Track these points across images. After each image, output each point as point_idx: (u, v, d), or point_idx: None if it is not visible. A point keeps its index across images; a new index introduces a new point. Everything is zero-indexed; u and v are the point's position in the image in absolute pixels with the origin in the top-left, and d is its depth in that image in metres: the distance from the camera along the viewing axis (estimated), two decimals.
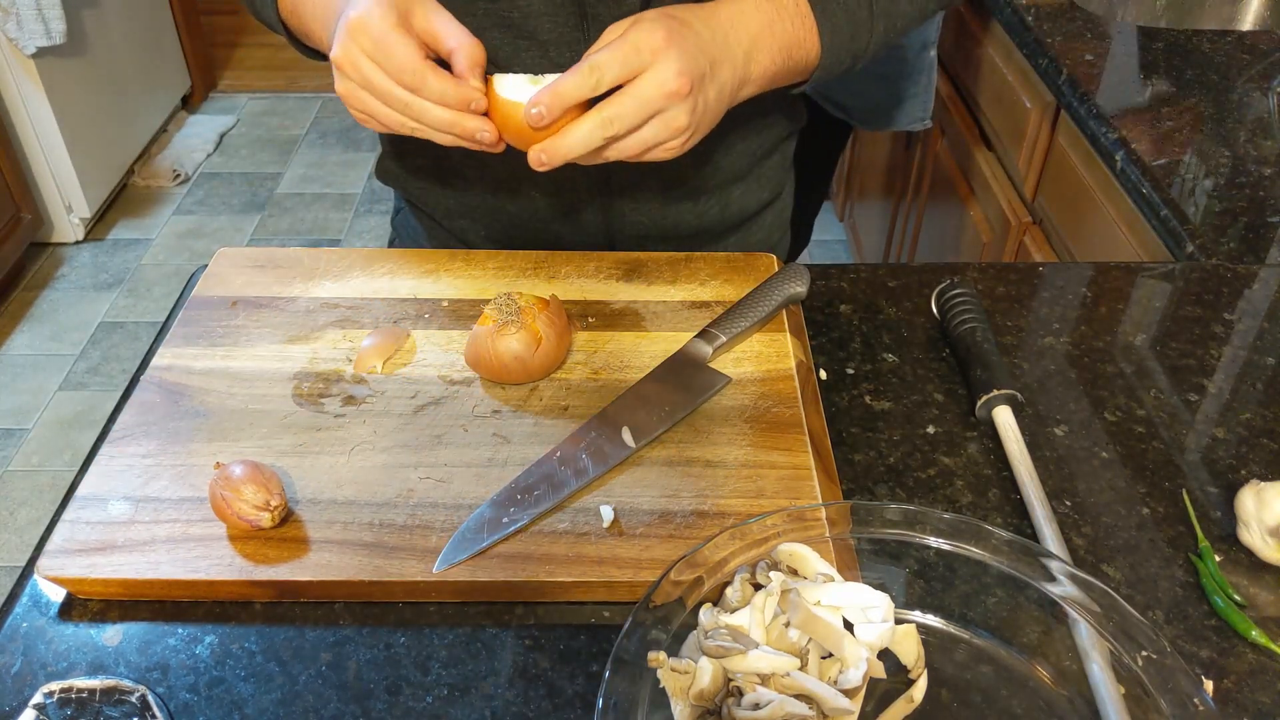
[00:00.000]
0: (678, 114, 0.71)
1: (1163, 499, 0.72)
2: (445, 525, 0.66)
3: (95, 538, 0.65)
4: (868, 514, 0.63)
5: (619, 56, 0.70)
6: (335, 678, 0.61)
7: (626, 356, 0.80)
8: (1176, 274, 0.95)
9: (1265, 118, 1.26)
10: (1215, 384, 0.82)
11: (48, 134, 2.74)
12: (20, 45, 2.55)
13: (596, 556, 0.65)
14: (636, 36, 0.70)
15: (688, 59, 0.71)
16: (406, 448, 0.72)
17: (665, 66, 0.70)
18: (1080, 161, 1.37)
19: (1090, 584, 0.59)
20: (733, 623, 0.58)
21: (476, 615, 0.64)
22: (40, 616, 0.64)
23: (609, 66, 0.70)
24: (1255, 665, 0.62)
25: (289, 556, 0.65)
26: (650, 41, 0.70)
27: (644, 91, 0.70)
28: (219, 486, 0.65)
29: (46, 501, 2.22)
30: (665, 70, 0.70)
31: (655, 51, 0.70)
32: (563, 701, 0.60)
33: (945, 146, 1.94)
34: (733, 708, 0.54)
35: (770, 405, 0.75)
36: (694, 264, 0.90)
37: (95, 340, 2.64)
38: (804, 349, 0.82)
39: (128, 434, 0.73)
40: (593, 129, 0.70)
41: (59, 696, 0.58)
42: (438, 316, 0.84)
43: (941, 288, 0.86)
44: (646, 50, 0.70)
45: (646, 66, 0.70)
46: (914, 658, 0.60)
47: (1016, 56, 1.56)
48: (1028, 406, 0.79)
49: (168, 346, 0.81)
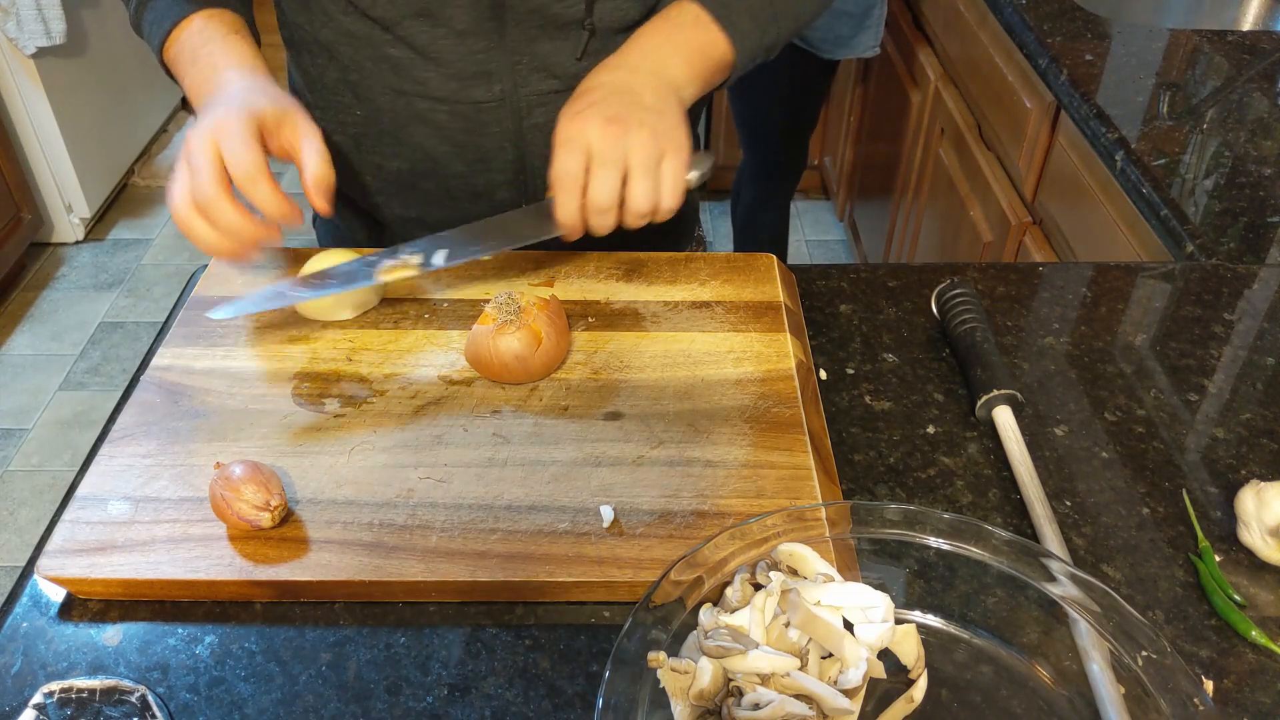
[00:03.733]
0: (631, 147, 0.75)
1: (1163, 499, 0.72)
2: (445, 525, 0.66)
3: (95, 538, 0.65)
4: (868, 514, 0.63)
5: (569, 168, 0.76)
6: (335, 678, 0.61)
7: (626, 356, 0.80)
8: (1176, 274, 0.95)
9: (1265, 118, 1.26)
10: (1215, 384, 0.82)
11: (48, 134, 2.74)
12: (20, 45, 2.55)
13: (596, 556, 0.65)
14: (563, 143, 0.77)
15: (601, 113, 0.76)
16: (406, 448, 0.72)
17: (589, 131, 0.76)
18: (1080, 161, 1.37)
19: (1090, 584, 0.59)
20: (733, 623, 0.58)
21: (476, 615, 0.64)
22: (40, 616, 0.64)
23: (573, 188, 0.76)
24: (1255, 665, 0.62)
25: (289, 556, 0.65)
26: (567, 134, 0.76)
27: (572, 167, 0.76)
28: (219, 486, 0.65)
29: (46, 501, 2.22)
30: (591, 133, 0.75)
31: (575, 135, 0.76)
32: (563, 701, 0.60)
33: (945, 146, 1.94)
34: (733, 708, 0.54)
35: (770, 405, 0.75)
36: (694, 264, 0.90)
37: (95, 340, 2.64)
38: (804, 349, 0.82)
39: (128, 434, 0.73)
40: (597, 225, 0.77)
41: (59, 696, 0.58)
42: (438, 316, 0.84)
43: (941, 288, 0.86)
44: (575, 141, 0.76)
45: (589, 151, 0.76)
46: (914, 658, 0.60)
47: (1016, 56, 1.56)
48: (1028, 406, 0.79)
49: (168, 346, 0.81)
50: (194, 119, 0.79)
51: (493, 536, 0.66)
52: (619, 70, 0.82)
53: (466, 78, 0.89)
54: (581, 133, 0.76)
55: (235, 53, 0.84)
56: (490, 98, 0.91)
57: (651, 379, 0.78)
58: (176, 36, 0.86)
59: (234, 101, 0.77)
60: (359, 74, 0.92)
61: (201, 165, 0.73)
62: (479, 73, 0.89)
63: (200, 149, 0.73)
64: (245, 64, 0.83)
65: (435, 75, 0.89)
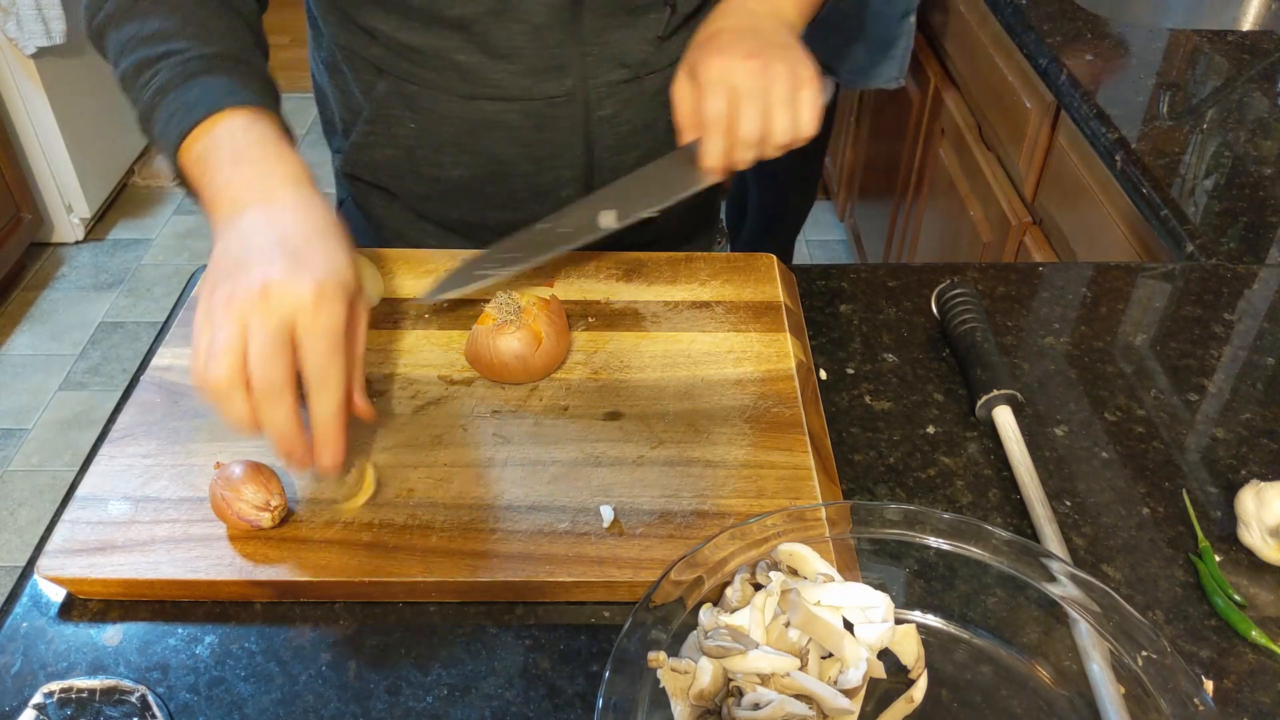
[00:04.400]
0: (772, 81, 0.76)
1: (1163, 499, 0.72)
2: (445, 525, 0.66)
3: (95, 538, 0.65)
4: (868, 514, 0.63)
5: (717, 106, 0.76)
6: (335, 678, 0.61)
7: (626, 356, 0.80)
8: (1176, 274, 0.95)
9: (1265, 118, 1.26)
10: (1215, 384, 0.82)
11: (48, 134, 2.74)
12: (20, 45, 2.55)
13: (596, 556, 0.65)
14: (710, 84, 0.76)
15: (741, 51, 0.77)
16: (406, 448, 0.72)
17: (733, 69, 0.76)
18: (1080, 161, 1.37)
19: (1090, 584, 0.59)
20: (733, 623, 0.58)
21: (476, 615, 0.64)
22: (40, 616, 0.64)
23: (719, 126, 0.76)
24: (1255, 665, 0.62)
25: (289, 556, 0.65)
26: (711, 75, 0.76)
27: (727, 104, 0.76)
28: (219, 486, 0.65)
29: (46, 501, 2.22)
30: (735, 71, 0.76)
31: (720, 75, 0.76)
32: (563, 701, 0.60)
33: (945, 146, 1.94)
34: (733, 708, 0.54)
35: (770, 405, 0.75)
36: (694, 264, 0.90)
37: (95, 340, 2.63)
38: (804, 349, 0.82)
39: (128, 434, 0.73)
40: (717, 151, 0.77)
41: (59, 696, 0.58)
42: (438, 316, 0.84)
43: (941, 288, 0.86)
44: (720, 82, 0.76)
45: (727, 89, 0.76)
46: (914, 658, 0.60)
47: (1016, 56, 1.56)
48: (1028, 406, 0.79)
49: (168, 346, 0.81)
50: (230, 219, 0.66)
51: (493, 536, 0.66)
52: (737, 15, 0.83)
53: (539, 73, 0.89)
54: (726, 71, 0.76)
55: (293, 166, 0.70)
56: (562, 92, 0.90)
57: (651, 379, 0.78)
58: (210, 129, 0.72)
59: (321, 254, 0.63)
60: (418, 86, 0.91)
61: (267, 338, 0.59)
62: (551, 67, 0.89)
63: (273, 314, 0.59)
64: (304, 180, 0.69)
65: (507, 75, 0.89)
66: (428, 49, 0.88)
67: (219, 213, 0.68)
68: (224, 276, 0.63)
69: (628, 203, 0.81)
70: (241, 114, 0.72)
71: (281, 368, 0.59)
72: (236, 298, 0.60)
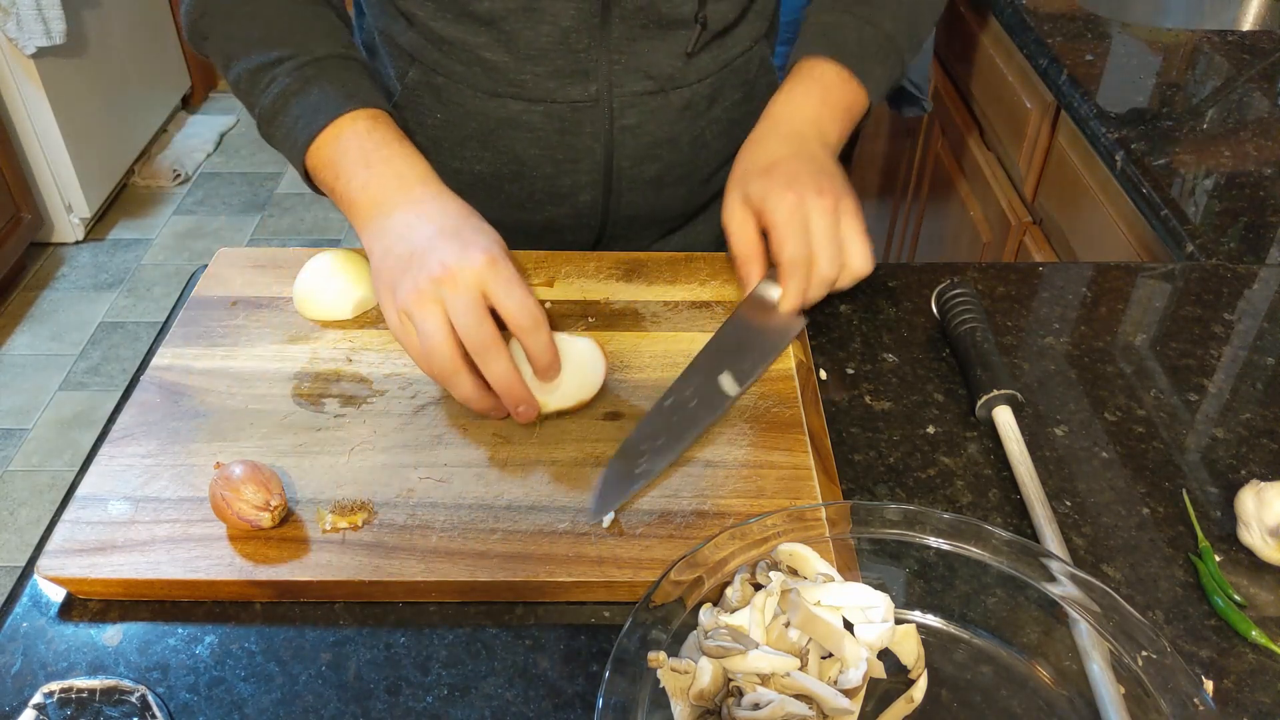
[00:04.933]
0: (842, 216, 0.79)
1: (1163, 499, 0.72)
2: (445, 525, 0.66)
3: (95, 538, 0.65)
4: (868, 514, 0.63)
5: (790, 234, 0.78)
6: (335, 678, 0.61)
7: (626, 356, 0.80)
8: (1176, 274, 0.95)
9: (1265, 118, 1.26)
10: (1215, 384, 0.82)
11: (48, 134, 2.74)
12: (20, 45, 2.55)
13: (596, 556, 0.65)
14: (786, 224, 0.78)
15: (810, 187, 0.79)
16: (406, 448, 0.72)
17: (809, 208, 0.78)
18: (1080, 161, 1.37)
19: (1090, 584, 0.59)
20: (733, 623, 0.58)
21: (476, 615, 0.64)
22: (40, 616, 0.64)
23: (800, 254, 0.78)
24: (1255, 665, 0.62)
25: (289, 556, 0.65)
26: (788, 215, 0.78)
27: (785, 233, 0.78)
28: (219, 486, 0.65)
29: (46, 501, 2.22)
30: (811, 211, 0.78)
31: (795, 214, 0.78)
32: (563, 701, 0.60)
33: (945, 147, 1.94)
34: (733, 708, 0.54)
35: (770, 405, 0.75)
36: (694, 264, 0.90)
37: (95, 340, 2.64)
38: (804, 349, 0.82)
39: (128, 434, 0.73)
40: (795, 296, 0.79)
41: (59, 696, 0.58)
42: None
43: (941, 288, 0.86)
44: (797, 222, 0.78)
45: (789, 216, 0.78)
46: (914, 658, 0.60)
47: (1016, 56, 1.56)
48: (1028, 406, 0.79)
49: (168, 346, 0.81)
50: (378, 221, 0.74)
51: (493, 536, 0.66)
52: (790, 140, 0.85)
53: (564, 76, 0.89)
54: (799, 210, 0.78)
55: (420, 165, 0.78)
56: (586, 97, 0.91)
57: (651, 379, 0.78)
58: (336, 134, 0.78)
59: (477, 233, 0.72)
60: (446, 78, 0.92)
61: (469, 306, 0.67)
62: (577, 71, 0.89)
63: (464, 287, 0.68)
64: (432, 177, 0.78)
65: (532, 76, 0.89)
66: (457, 42, 0.89)
67: (361, 214, 0.76)
68: (401, 274, 0.70)
69: (736, 365, 0.76)
70: (362, 117, 0.78)
71: (489, 327, 0.68)
72: (423, 288, 0.68)
